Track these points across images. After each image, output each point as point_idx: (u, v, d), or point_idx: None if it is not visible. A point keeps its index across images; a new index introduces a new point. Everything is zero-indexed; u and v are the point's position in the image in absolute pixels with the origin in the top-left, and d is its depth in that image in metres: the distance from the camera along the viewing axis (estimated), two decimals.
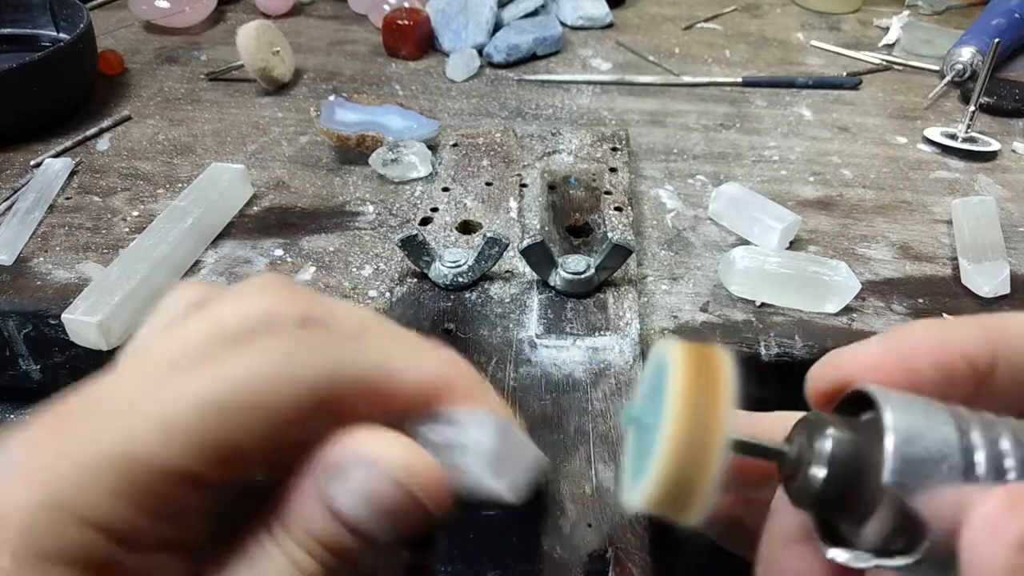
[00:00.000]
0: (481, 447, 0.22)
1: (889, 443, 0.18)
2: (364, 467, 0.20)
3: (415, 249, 0.43)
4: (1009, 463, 0.18)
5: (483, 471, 0.22)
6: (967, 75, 0.75)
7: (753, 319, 0.46)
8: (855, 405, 0.21)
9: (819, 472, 0.19)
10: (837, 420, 0.20)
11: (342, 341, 0.21)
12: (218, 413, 0.19)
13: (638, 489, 0.19)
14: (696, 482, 0.18)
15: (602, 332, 0.41)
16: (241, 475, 0.20)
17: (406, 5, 0.82)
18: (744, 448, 0.20)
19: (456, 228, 0.49)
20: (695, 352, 0.20)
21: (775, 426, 0.23)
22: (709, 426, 0.19)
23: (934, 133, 0.66)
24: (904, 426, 0.19)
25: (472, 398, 0.23)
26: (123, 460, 0.19)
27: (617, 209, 0.49)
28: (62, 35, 0.74)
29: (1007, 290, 0.48)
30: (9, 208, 0.54)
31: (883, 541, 0.19)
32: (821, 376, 0.22)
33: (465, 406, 0.23)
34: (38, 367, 0.48)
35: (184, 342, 0.21)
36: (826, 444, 0.19)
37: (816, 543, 0.20)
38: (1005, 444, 0.19)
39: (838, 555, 0.19)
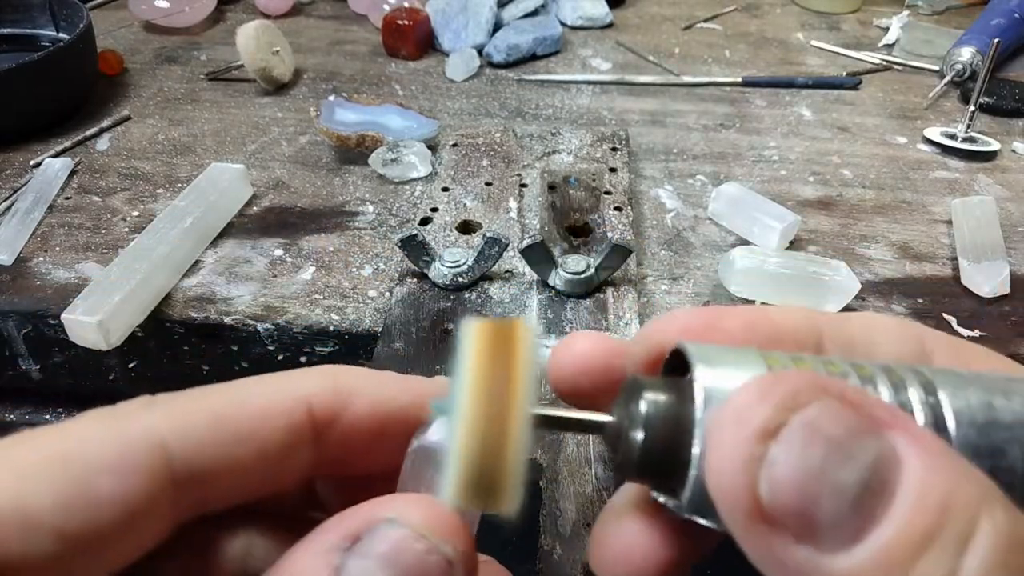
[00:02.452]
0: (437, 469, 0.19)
1: (699, 402, 0.17)
2: (383, 528, 0.18)
3: (415, 249, 0.43)
4: None
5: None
6: (967, 75, 0.75)
7: None
8: (681, 366, 0.19)
9: (637, 436, 0.18)
10: (655, 382, 0.19)
11: (160, 403, 0.19)
12: (12, 481, 0.16)
13: (447, 487, 0.17)
14: (498, 470, 0.17)
15: (602, 332, 0.41)
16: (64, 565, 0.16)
17: (406, 5, 0.82)
18: (560, 424, 0.19)
19: (456, 228, 0.49)
20: (490, 330, 0.18)
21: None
22: (504, 409, 0.17)
23: (934, 133, 0.66)
24: (712, 384, 0.17)
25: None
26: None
27: (617, 209, 0.49)
28: (62, 35, 0.74)
29: (1007, 290, 0.48)
30: (9, 208, 0.54)
31: (703, 499, 0.17)
32: (646, 341, 0.20)
33: (356, 417, 0.21)
34: (38, 367, 0.48)
35: None
36: (641, 407, 0.18)
37: (647, 514, 0.19)
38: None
39: (660, 497, 0.19)
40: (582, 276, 0.43)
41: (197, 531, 0.20)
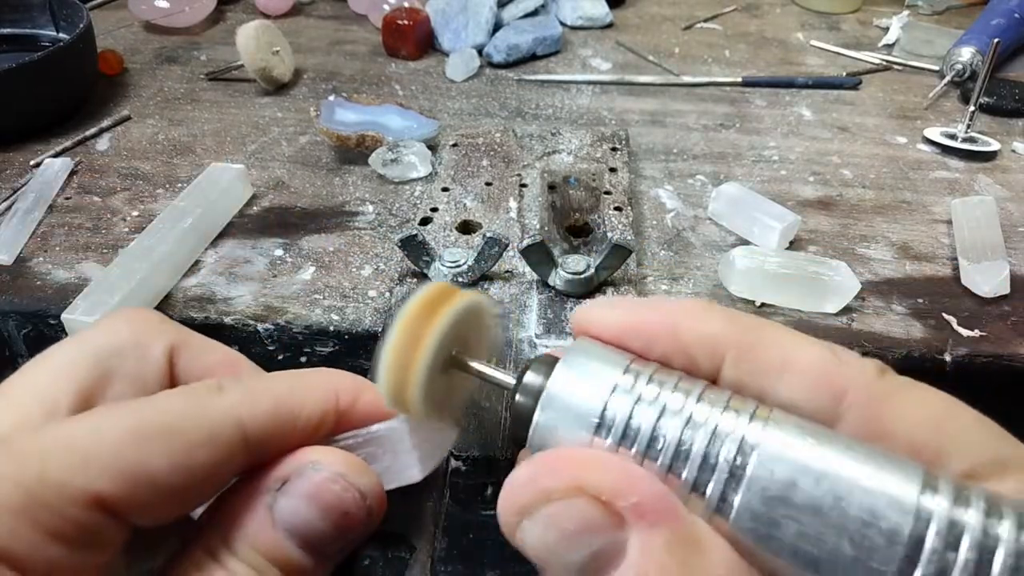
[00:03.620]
0: (397, 448, 0.25)
1: (538, 408, 0.22)
2: (308, 472, 0.22)
3: (415, 249, 0.43)
4: (640, 426, 0.20)
5: (402, 467, 0.25)
6: (967, 75, 0.75)
7: None
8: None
9: (511, 411, 0.23)
10: (542, 365, 0.23)
11: (234, 388, 0.23)
12: (129, 440, 0.20)
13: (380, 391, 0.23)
14: (405, 384, 0.23)
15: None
16: (159, 509, 0.21)
17: (406, 5, 0.82)
18: (478, 374, 0.25)
19: (456, 228, 0.49)
20: (438, 287, 0.24)
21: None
22: (415, 343, 0.23)
23: (934, 133, 0.66)
24: (560, 387, 0.22)
25: (368, 403, 0.25)
26: (30, 485, 0.19)
27: (617, 209, 0.49)
28: (62, 35, 0.74)
29: (1007, 290, 0.48)
30: (9, 208, 0.54)
31: None
32: (574, 321, 0.25)
33: (363, 409, 0.25)
34: None
35: None
36: (519, 387, 0.23)
37: None
38: (648, 412, 0.21)
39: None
40: (582, 276, 0.43)
41: None
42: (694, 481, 0.20)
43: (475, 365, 0.25)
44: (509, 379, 0.24)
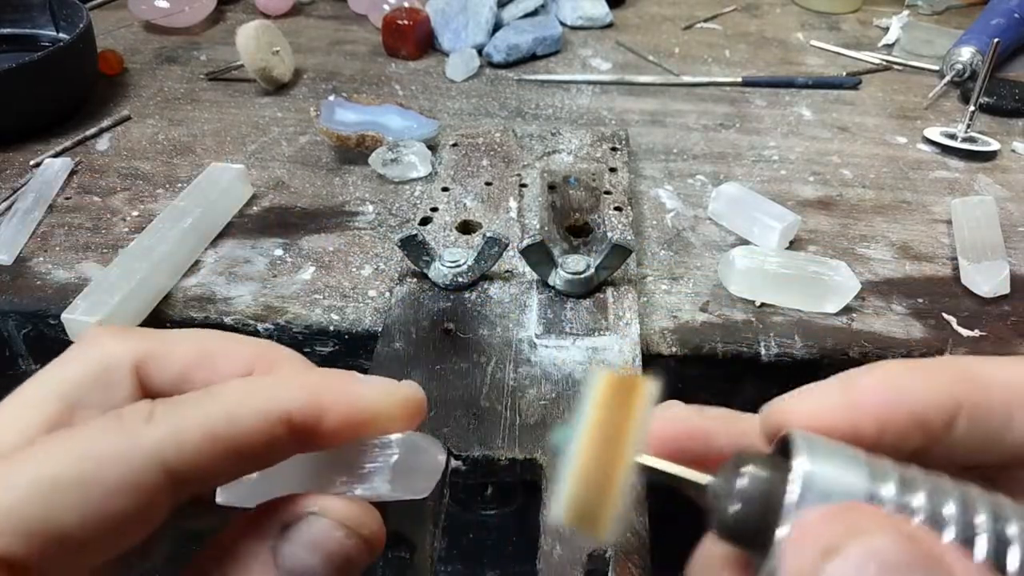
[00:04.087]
0: (388, 467, 0.24)
1: (792, 492, 0.19)
2: (311, 520, 0.22)
3: (415, 249, 0.43)
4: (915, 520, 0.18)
5: (392, 488, 0.24)
6: (967, 75, 0.75)
7: (753, 319, 0.46)
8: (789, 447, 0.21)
9: (733, 507, 0.20)
10: (763, 459, 0.20)
11: (162, 421, 0.21)
12: (36, 493, 0.19)
13: (555, 507, 0.20)
14: (600, 504, 0.20)
15: (602, 332, 0.41)
16: (79, 562, 0.20)
17: (406, 5, 0.82)
18: (666, 476, 0.22)
19: (456, 228, 0.49)
20: (616, 381, 0.21)
21: (750, 427, 0.23)
22: (614, 454, 0.20)
23: (934, 133, 0.66)
24: (810, 477, 0.19)
25: (341, 404, 0.23)
26: None
27: (617, 209, 0.49)
28: (62, 35, 0.74)
29: (1007, 290, 0.48)
30: (9, 208, 0.54)
31: None
32: (767, 418, 0.22)
33: (332, 426, 0.23)
34: (38, 367, 0.47)
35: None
36: (742, 481, 0.20)
37: (738, 567, 0.21)
38: (918, 502, 0.18)
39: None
40: (582, 276, 0.43)
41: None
42: None
43: (665, 468, 0.22)
44: (707, 479, 0.21)
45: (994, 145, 0.64)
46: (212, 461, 0.21)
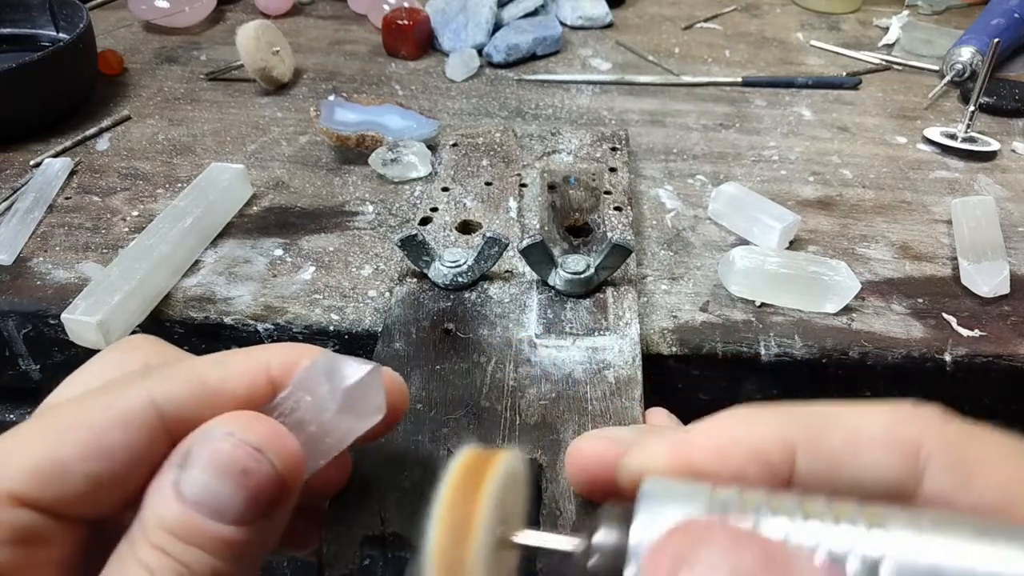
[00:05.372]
0: (316, 396, 0.23)
1: (635, 533, 0.20)
2: (204, 441, 0.22)
3: (415, 249, 0.43)
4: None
5: (328, 416, 0.23)
6: (967, 75, 0.75)
7: (753, 319, 0.46)
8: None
9: (591, 562, 0.21)
10: (613, 514, 0.21)
11: (155, 372, 0.23)
12: (41, 435, 0.21)
13: None
14: None
15: (602, 332, 0.41)
16: (84, 499, 0.21)
17: (406, 5, 0.82)
18: (534, 549, 0.22)
19: (456, 228, 0.49)
20: (471, 460, 0.22)
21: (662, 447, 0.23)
22: (464, 535, 0.20)
23: (934, 133, 0.66)
24: (651, 516, 0.20)
25: (294, 362, 0.24)
26: None
27: (617, 209, 0.49)
28: (62, 35, 0.74)
29: (1007, 290, 0.48)
30: (9, 208, 0.54)
31: None
32: (622, 474, 0.23)
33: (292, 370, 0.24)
34: (38, 367, 0.48)
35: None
36: (596, 536, 0.21)
37: None
38: (761, 515, 0.19)
39: None
40: (582, 276, 0.43)
41: None
42: None
43: (526, 541, 0.22)
44: (572, 543, 0.22)
45: (994, 145, 0.64)
46: (199, 402, 0.23)
